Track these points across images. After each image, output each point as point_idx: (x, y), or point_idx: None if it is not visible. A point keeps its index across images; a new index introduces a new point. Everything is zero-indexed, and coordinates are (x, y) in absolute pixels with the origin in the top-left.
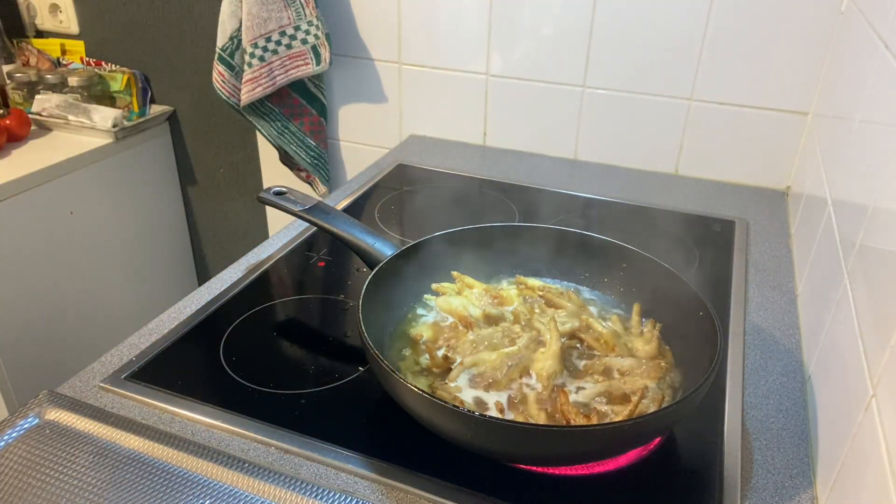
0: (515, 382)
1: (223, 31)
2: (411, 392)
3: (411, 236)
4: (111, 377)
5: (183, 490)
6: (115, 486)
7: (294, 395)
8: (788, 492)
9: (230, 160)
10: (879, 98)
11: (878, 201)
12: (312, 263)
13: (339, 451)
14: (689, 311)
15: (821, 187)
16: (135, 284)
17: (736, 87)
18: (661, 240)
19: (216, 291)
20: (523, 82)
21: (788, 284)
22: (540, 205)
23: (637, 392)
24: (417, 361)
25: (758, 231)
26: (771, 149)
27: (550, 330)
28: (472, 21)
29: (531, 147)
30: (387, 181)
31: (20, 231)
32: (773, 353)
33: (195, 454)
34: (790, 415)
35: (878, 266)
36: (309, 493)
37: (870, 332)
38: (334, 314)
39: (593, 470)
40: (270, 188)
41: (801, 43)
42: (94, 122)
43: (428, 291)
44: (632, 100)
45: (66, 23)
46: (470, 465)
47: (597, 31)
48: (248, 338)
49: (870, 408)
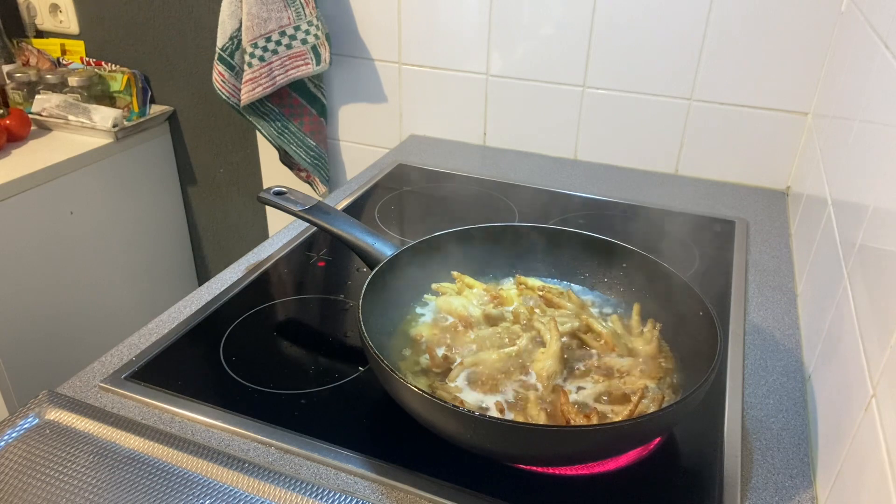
0: (515, 382)
1: (223, 31)
2: (411, 392)
3: (411, 236)
4: (111, 377)
5: (183, 490)
6: (115, 486)
7: (294, 395)
8: (788, 492)
9: (230, 160)
10: (879, 98)
11: (878, 201)
12: (312, 263)
13: (339, 451)
14: (689, 311)
15: (821, 187)
16: (135, 284)
17: (736, 87)
18: (661, 240)
19: (216, 291)
20: (523, 82)
21: (788, 284)
22: (540, 205)
23: (637, 392)
24: (417, 361)
25: (758, 231)
26: (771, 149)
27: (550, 330)
28: (471, 21)
29: (531, 147)
30: (387, 181)
31: (20, 231)
32: (773, 353)
33: (195, 454)
34: (790, 415)
35: (878, 266)
36: (309, 493)
37: (870, 332)
38: (334, 314)
39: (593, 470)
40: (270, 188)
41: (801, 43)
42: (94, 122)
43: (428, 291)
44: (632, 100)
45: (66, 23)
46: (470, 465)
47: (597, 31)
48: (248, 338)
49: (870, 408)
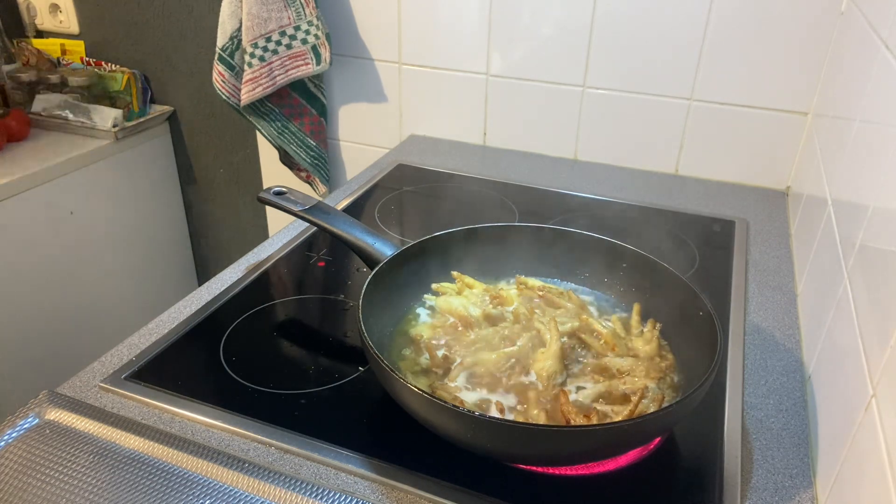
0: (515, 382)
1: (223, 31)
2: (411, 392)
3: (411, 236)
4: (111, 377)
5: (183, 490)
6: (114, 486)
7: (294, 395)
8: (788, 492)
9: (230, 160)
10: (879, 98)
11: (878, 201)
12: (312, 263)
13: (339, 451)
14: (689, 311)
15: (821, 187)
16: (135, 284)
17: (736, 87)
18: (661, 240)
19: (216, 291)
20: (523, 82)
21: (788, 284)
22: (540, 205)
23: (637, 392)
24: (417, 361)
25: (758, 231)
26: (771, 149)
27: (550, 330)
28: (471, 21)
29: (531, 147)
30: (387, 181)
31: (20, 231)
32: (773, 353)
33: (195, 454)
34: (790, 415)
35: (878, 266)
36: (309, 493)
37: (870, 332)
38: (334, 314)
39: (593, 470)
40: (270, 188)
41: (801, 43)
42: (94, 122)
43: (428, 291)
44: (632, 100)
45: (66, 23)
46: (470, 465)
47: (597, 31)
48: (248, 338)
49: (870, 408)
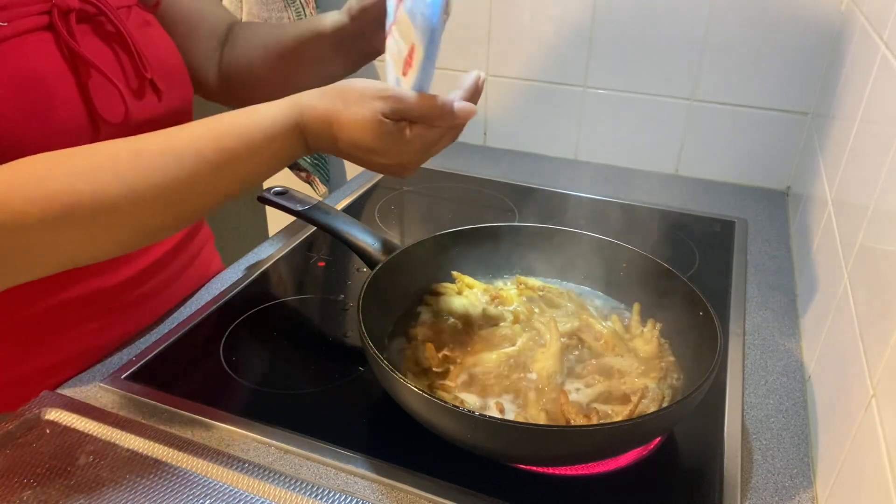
0: (515, 382)
1: None
2: (411, 392)
3: (411, 236)
4: (111, 377)
5: (183, 490)
6: (115, 485)
7: (294, 395)
8: (788, 492)
9: None
10: (879, 98)
11: (878, 201)
12: (312, 263)
13: (339, 451)
14: (689, 311)
15: (821, 187)
16: None
17: (736, 87)
18: (661, 240)
19: (216, 291)
20: (523, 82)
21: (788, 284)
22: (540, 205)
23: (637, 392)
24: (417, 361)
25: (758, 231)
26: (771, 149)
27: (550, 330)
28: (471, 21)
29: (531, 147)
30: (387, 181)
31: None
32: (773, 353)
33: (195, 454)
34: (790, 415)
35: (878, 266)
36: (309, 493)
37: (870, 332)
38: (334, 314)
39: (593, 470)
40: (270, 188)
41: (801, 43)
42: None
43: (428, 291)
44: (632, 100)
45: None
46: (470, 465)
47: (597, 31)
48: (248, 338)
49: (870, 408)
